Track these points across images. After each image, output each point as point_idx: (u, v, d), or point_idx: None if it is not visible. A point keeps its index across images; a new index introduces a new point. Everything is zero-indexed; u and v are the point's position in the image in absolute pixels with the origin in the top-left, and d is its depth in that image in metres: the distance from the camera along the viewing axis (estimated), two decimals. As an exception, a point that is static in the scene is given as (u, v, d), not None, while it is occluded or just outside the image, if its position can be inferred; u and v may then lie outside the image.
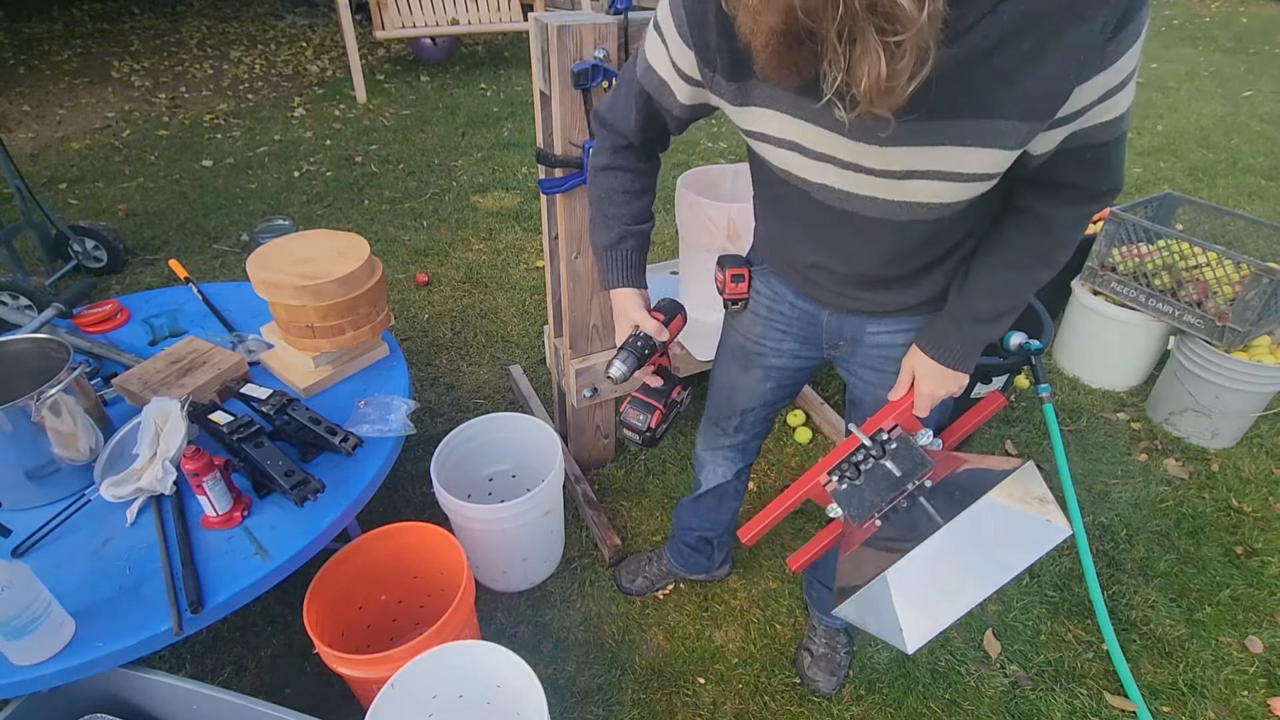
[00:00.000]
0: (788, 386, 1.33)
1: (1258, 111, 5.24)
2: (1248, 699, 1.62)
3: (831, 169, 0.85)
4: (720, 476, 1.53)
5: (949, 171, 0.78)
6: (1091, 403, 2.51)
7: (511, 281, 3.12)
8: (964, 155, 0.76)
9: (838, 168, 0.84)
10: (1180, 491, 2.16)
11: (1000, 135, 0.73)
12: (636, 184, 1.11)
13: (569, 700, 1.61)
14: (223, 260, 3.28)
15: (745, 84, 0.86)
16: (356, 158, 4.33)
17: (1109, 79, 0.71)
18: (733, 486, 1.57)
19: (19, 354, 1.40)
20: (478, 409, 2.41)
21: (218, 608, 1.14)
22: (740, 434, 1.43)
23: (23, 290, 2.57)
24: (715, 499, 1.60)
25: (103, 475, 1.31)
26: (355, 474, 1.37)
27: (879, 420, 1.11)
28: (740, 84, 0.86)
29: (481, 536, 1.66)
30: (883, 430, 1.09)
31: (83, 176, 4.09)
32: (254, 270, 1.49)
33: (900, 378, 1.10)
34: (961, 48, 0.67)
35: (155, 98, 5.39)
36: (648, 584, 1.82)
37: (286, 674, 1.63)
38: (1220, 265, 2.16)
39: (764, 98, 0.85)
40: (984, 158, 0.76)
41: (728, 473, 1.52)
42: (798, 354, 1.25)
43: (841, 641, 1.66)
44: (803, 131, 0.83)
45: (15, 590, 0.99)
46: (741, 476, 1.56)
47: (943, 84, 0.64)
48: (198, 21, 7.62)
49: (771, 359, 1.27)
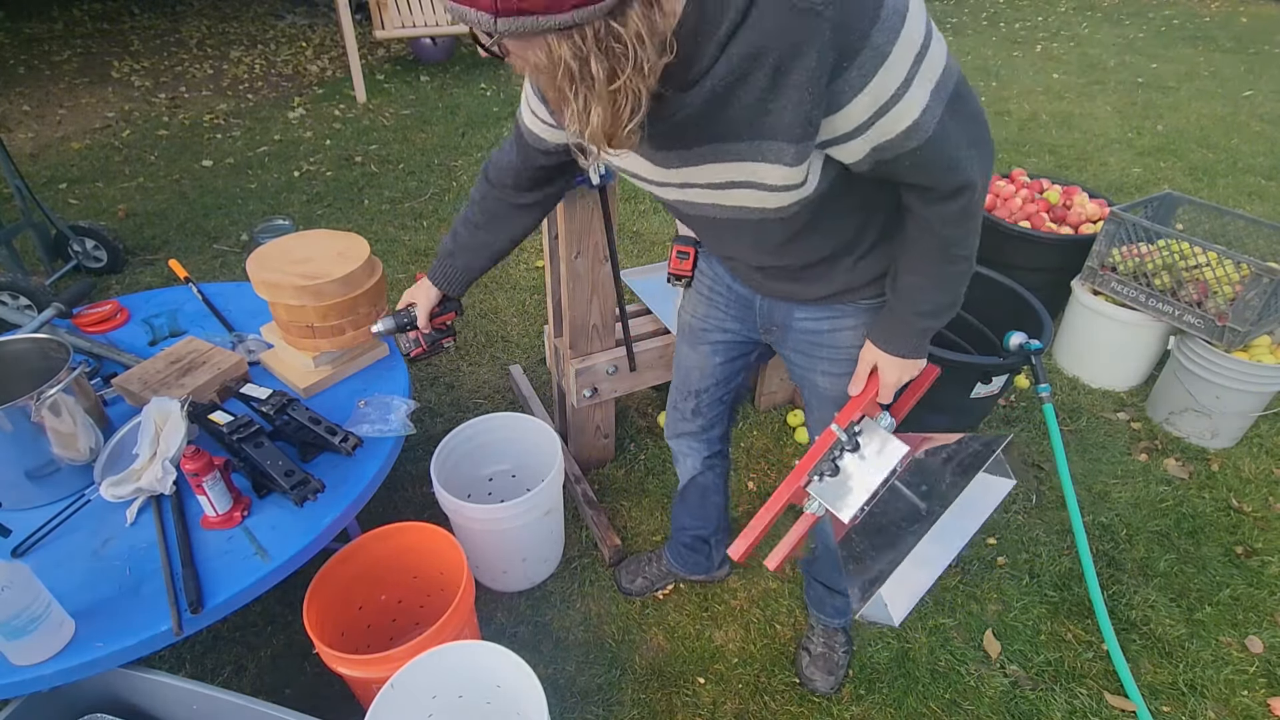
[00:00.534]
0: (736, 362, 1.40)
1: (1258, 111, 5.24)
2: (1248, 699, 1.62)
3: (671, 189, 0.97)
4: (691, 467, 1.57)
5: (756, 182, 0.87)
6: (1091, 403, 2.51)
7: (511, 281, 3.12)
8: (757, 169, 0.85)
9: (676, 188, 0.96)
10: (1180, 491, 2.16)
11: (774, 153, 0.82)
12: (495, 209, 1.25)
13: (569, 700, 1.61)
14: (223, 260, 3.28)
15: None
16: (356, 158, 4.33)
17: (871, 99, 0.77)
18: (710, 480, 1.60)
19: (19, 354, 1.40)
20: (478, 409, 2.41)
21: (218, 608, 1.14)
22: (699, 418, 1.48)
23: (23, 290, 2.57)
24: (698, 494, 1.62)
25: (103, 475, 1.31)
26: (355, 474, 1.37)
27: (850, 413, 1.14)
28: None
29: (481, 536, 1.66)
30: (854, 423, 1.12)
31: (83, 176, 4.09)
32: (254, 270, 1.49)
33: (858, 370, 1.15)
34: (707, 88, 0.77)
35: (155, 98, 5.39)
36: (647, 584, 1.82)
37: (286, 674, 1.63)
38: (1220, 265, 2.16)
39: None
40: (774, 171, 0.84)
41: (696, 463, 1.56)
42: (739, 333, 1.33)
43: (840, 641, 1.66)
44: (631, 163, 0.96)
45: (15, 590, 0.99)
46: (715, 469, 1.59)
47: (708, 116, 0.80)
48: (198, 21, 7.62)
49: (716, 335, 1.35)
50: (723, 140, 0.83)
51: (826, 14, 0.71)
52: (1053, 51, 6.74)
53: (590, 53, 0.66)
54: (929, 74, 0.78)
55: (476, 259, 1.32)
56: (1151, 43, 7.08)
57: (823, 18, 0.71)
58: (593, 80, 0.68)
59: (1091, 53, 6.68)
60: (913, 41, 0.76)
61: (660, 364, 2.03)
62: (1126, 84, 5.81)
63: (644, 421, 2.38)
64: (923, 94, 0.79)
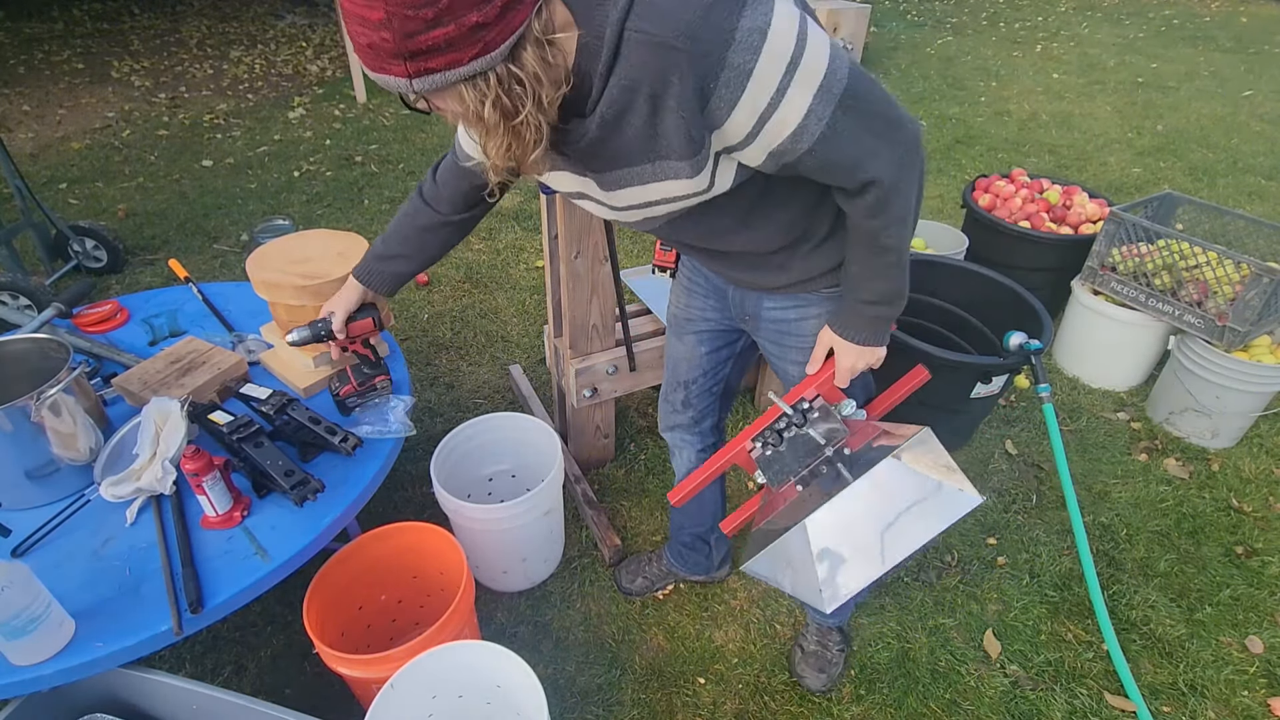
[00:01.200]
0: (722, 351, 1.43)
1: (1258, 111, 5.24)
2: (1248, 699, 1.62)
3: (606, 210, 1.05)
4: (687, 461, 1.59)
5: (661, 198, 0.96)
6: (1091, 403, 2.51)
7: (511, 281, 3.12)
8: (664, 186, 0.93)
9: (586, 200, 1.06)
10: (1180, 491, 2.16)
11: (672, 169, 0.90)
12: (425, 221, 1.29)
13: (569, 700, 1.61)
14: (223, 260, 3.28)
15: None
16: (356, 157, 4.33)
17: (748, 113, 0.83)
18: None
19: (19, 354, 1.40)
20: (478, 409, 2.41)
21: (218, 608, 1.14)
22: (689, 409, 1.50)
23: (23, 290, 2.57)
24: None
25: (103, 475, 1.31)
26: (355, 474, 1.37)
27: (800, 390, 1.17)
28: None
29: (481, 536, 1.66)
30: (804, 400, 1.15)
31: (83, 176, 4.09)
32: (254, 270, 1.49)
33: (815, 352, 1.18)
34: (599, 116, 0.85)
35: (155, 98, 5.39)
36: (648, 584, 1.83)
37: (286, 674, 1.63)
38: (1220, 265, 2.16)
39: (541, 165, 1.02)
40: (677, 184, 0.93)
41: (691, 456, 1.57)
42: (719, 322, 1.37)
43: (834, 640, 1.66)
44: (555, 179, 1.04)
45: (15, 590, 0.99)
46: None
47: (607, 142, 0.89)
48: (198, 21, 7.62)
49: (699, 324, 1.39)
50: (628, 164, 0.92)
51: (680, 46, 0.78)
52: (1053, 51, 6.74)
53: (496, 93, 0.76)
54: (807, 80, 0.83)
55: (408, 265, 1.35)
56: (1151, 43, 7.08)
57: (678, 50, 0.78)
58: (500, 116, 0.78)
59: (1091, 53, 6.69)
60: (780, 53, 0.80)
61: (660, 364, 2.03)
62: (1126, 84, 5.81)
63: (644, 421, 2.38)
64: (802, 99, 0.84)
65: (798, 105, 0.84)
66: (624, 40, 0.79)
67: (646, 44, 0.79)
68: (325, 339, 1.39)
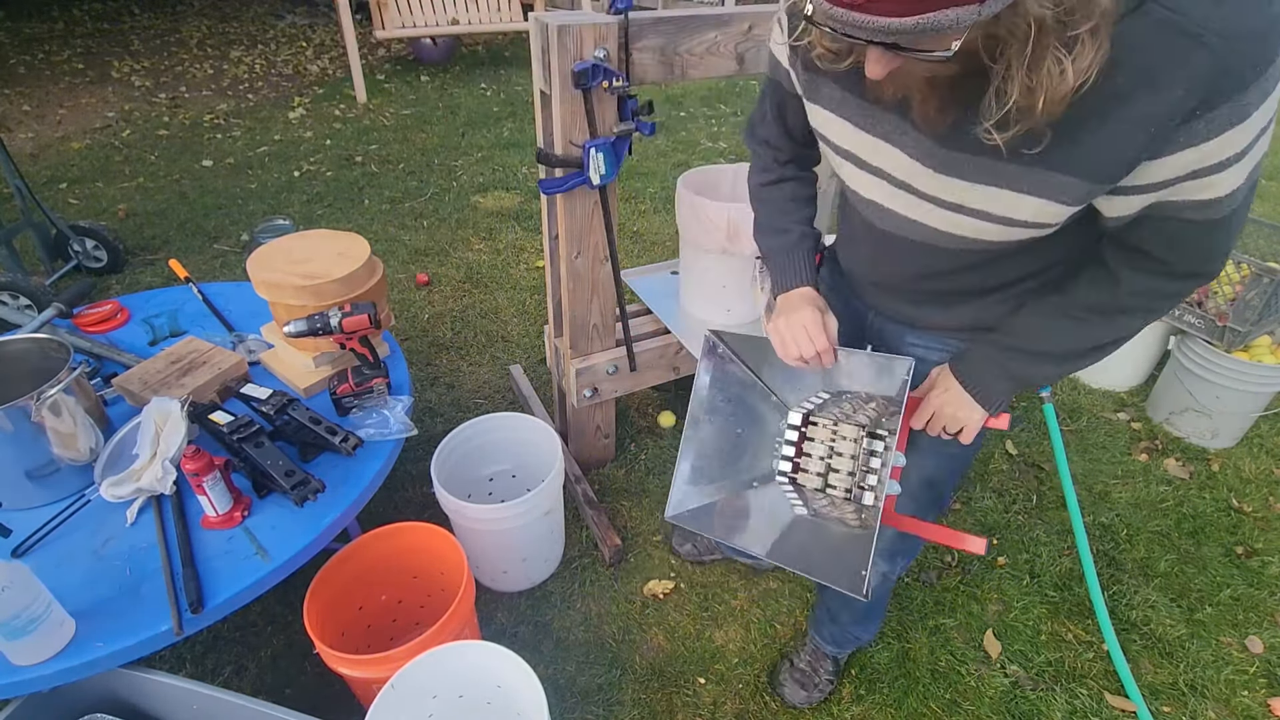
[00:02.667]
0: None
1: (1258, 111, 5.24)
2: (1248, 699, 1.62)
3: (885, 186, 0.86)
4: None
5: (997, 215, 0.78)
6: (1091, 403, 2.51)
7: (512, 281, 3.12)
8: (1017, 201, 0.76)
9: (891, 185, 0.86)
10: (1180, 491, 2.16)
11: (1055, 189, 0.73)
12: (804, 191, 1.14)
13: (569, 700, 1.61)
14: (223, 260, 3.28)
15: (816, 78, 0.86)
16: (356, 158, 4.33)
17: (1198, 157, 0.66)
18: None
19: (19, 354, 1.40)
20: (478, 409, 2.41)
21: (218, 608, 1.14)
22: None
23: (23, 290, 2.57)
24: None
25: (103, 475, 1.31)
26: (355, 474, 1.37)
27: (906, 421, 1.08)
28: (811, 75, 0.86)
29: (481, 536, 1.66)
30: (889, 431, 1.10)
31: (83, 176, 4.09)
32: (254, 270, 1.49)
33: (922, 385, 1.09)
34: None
35: (155, 98, 5.39)
36: (695, 552, 1.83)
37: (286, 674, 1.63)
38: (1220, 265, 2.16)
39: (830, 100, 0.85)
40: (1036, 207, 0.75)
41: None
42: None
43: (825, 667, 1.62)
44: (862, 143, 0.84)
45: (15, 590, 0.99)
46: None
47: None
48: (198, 21, 7.62)
49: None
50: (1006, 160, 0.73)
51: (1211, 44, 0.60)
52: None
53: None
54: (1258, 152, 0.68)
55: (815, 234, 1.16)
56: (1151, 43, 7.07)
57: (1206, 48, 0.60)
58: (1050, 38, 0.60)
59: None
60: (1268, 112, 0.65)
61: (660, 364, 2.03)
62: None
63: (644, 421, 2.38)
64: (1242, 171, 0.69)
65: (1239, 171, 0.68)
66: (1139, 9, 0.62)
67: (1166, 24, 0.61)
68: (321, 333, 1.43)
